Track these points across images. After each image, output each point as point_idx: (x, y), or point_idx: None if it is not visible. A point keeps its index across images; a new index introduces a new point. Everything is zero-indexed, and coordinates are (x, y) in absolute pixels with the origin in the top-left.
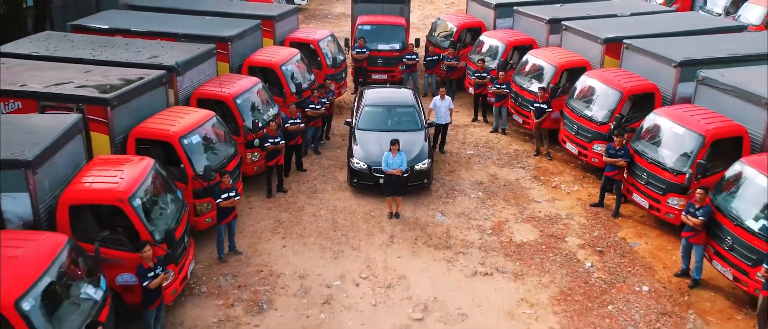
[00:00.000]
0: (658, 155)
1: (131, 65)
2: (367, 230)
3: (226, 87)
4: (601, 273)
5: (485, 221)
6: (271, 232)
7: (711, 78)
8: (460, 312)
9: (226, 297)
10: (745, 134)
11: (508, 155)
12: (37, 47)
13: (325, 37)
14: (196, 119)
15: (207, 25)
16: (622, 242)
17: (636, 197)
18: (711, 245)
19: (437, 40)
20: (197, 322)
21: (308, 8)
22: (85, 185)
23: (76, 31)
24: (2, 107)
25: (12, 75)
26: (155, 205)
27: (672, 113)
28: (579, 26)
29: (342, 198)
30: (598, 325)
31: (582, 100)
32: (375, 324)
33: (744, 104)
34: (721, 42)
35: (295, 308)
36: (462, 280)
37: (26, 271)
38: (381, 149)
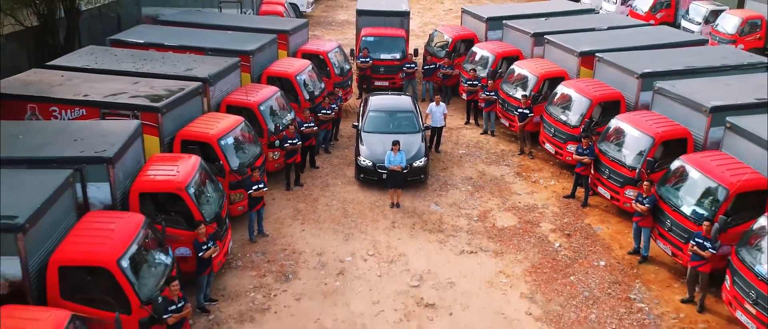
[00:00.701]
0: (618, 154)
1: (171, 77)
2: (372, 217)
3: (251, 95)
4: (567, 252)
5: (473, 210)
6: (292, 219)
7: (664, 88)
8: (449, 281)
9: (259, 269)
10: (689, 136)
11: (495, 154)
12: (87, 61)
13: (334, 49)
14: (229, 124)
15: (230, 39)
16: (587, 227)
17: (600, 189)
18: (656, 227)
19: (434, 50)
20: (237, 288)
21: (312, 15)
22: (150, 177)
23: (115, 45)
24: (68, 113)
25: (72, 86)
26: (203, 193)
27: (630, 118)
28: (558, 40)
29: (350, 191)
30: (561, 291)
31: (559, 106)
32: (381, 290)
33: (689, 110)
34: (681, 55)
35: (315, 278)
36: (451, 257)
37: (120, 239)
38: (384, 149)
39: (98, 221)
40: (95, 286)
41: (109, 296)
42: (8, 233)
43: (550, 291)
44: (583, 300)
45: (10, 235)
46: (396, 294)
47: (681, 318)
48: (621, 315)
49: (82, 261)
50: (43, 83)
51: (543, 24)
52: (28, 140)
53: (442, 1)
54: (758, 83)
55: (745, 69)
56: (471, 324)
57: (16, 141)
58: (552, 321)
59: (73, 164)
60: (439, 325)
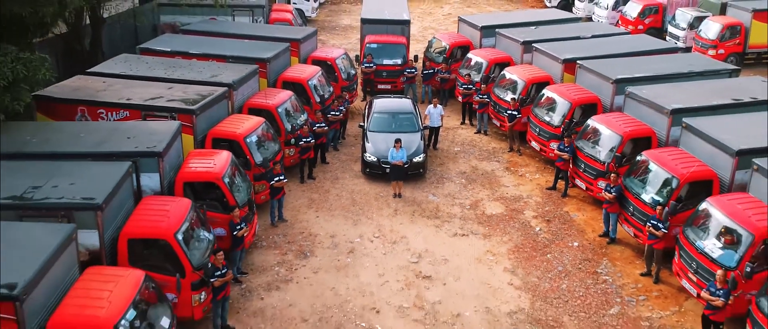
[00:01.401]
0: (592, 150)
1: (200, 83)
2: (377, 206)
3: (269, 99)
4: (546, 234)
5: (465, 200)
6: (307, 207)
7: (634, 92)
8: (443, 258)
9: (281, 248)
10: (653, 135)
11: (487, 151)
12: (123, 68)
13: (341, 56)
14: (253, 124)
15: (248, 48)
16: (565, 214)
17: (578, 181)
18: (622, 213)
19: (433, 55)
20: (263, 263)
21: (317, 19)
22: (192, 169)
23: (144, 53)
24: (114, 115)
25: (115, 91)
26: (234, 182)
27: (602, 119)
28: (545, 48)
29: (357, 183)
30: (539, 266)
31: (543, 108)
32: (385, 265)
33: (654, 112)
34: (653, 63)
35: (329, 255)
36: (446, 239)
37: (175, 217)
38: (387, 146)
39: (154, 203)
40: (156, 255)
41: (167, 262)
42: (90, 211)
43: (529, 266)
44: (557, 273)
45: (91, 213)
46: (398, 268)
47: (639, 288)
48: (588, 285)
49: (146, 234)
50: (89, 88)
51: (532, 32)
52: (88, 137)
53: (441, 6)
54: (717, 88)
55: (708, 75)
56: (461, 292)
57: (79, 138)
58: (529, 289)
59: (130, 157)
60: (434, 293)
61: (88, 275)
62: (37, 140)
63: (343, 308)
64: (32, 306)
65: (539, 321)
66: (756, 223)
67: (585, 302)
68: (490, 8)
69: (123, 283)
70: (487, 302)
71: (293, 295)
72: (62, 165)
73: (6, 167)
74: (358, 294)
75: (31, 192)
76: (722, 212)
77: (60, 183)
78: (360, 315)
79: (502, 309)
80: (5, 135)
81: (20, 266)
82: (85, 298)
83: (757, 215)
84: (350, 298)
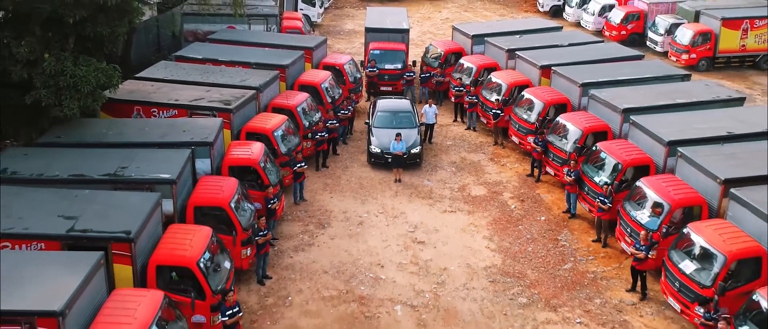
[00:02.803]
0: (560, 143)
1: (232, 86)
2: (380, 188)
3: (290, 100)
4: (519, 211)
5: (454, 184)
6: (322, 190)
7: (595, 94)
8: (435, 228)
9: (303, 221)
10: (609, 130)
11: (475, 145)
12: (165, 74)
13: (348, 61)
14: (279, 120)
15: (268, 55)
16: (537, 196)
17: (549, 169)
18: (580, 193)
19: (429, 61)
20: (290, 232)
21: (322, 24)
22: (235, 156)
23: (179, 60)
24: (164, 113)
25: (163, 93)
26: (267, 166)
27: (568, 117)
28: (525, 55)
29: (364, 170)
30: (511, 235)
31: (522, 107)
32: (388, 233)
33: (610, 111)
34: (617, 68)
35: (343, 226)
36: (437, 214)
37: (228, 189)
38: (389, 139)
39: (211, 180)
40: (215, 218)
41: (224, 224)
42: (167, 184)
43: (503, 234)
44: (525, 240)
45: (168, 186)
46: (398, 236)
47: (590, 250)
48: (549, 248)
49: (208, 202)
50: (141, 91)
51: (517, 41)
52: (153, 131)
53: (439, 10)
54: (667, 90)
55: (663, 79)
56: (448, 253)
57: (145, 132)
58: (502, 251)
59: (188, 146)
60: (426, 253)
61: (172, 230)
62: (112, 132)
63: (355, 264)
64: (140, 246)
65: (508, 273)
66: (674, 196)
67: (545, 260)
68: (486, 13)
69: (199, 235)
70: (468, 260)
71: (315, 255)
72: (138, 151)
73: (95, 153)
74: (366, 254)
75: (121, 171)
76: (651, 189)
77: (141, 165)
78: (368, 268)
79: (480, 265)
80: (87, 129)
81: (129, 220)
82: (173, 243)
83: (676, 191)
84: (360, 257)
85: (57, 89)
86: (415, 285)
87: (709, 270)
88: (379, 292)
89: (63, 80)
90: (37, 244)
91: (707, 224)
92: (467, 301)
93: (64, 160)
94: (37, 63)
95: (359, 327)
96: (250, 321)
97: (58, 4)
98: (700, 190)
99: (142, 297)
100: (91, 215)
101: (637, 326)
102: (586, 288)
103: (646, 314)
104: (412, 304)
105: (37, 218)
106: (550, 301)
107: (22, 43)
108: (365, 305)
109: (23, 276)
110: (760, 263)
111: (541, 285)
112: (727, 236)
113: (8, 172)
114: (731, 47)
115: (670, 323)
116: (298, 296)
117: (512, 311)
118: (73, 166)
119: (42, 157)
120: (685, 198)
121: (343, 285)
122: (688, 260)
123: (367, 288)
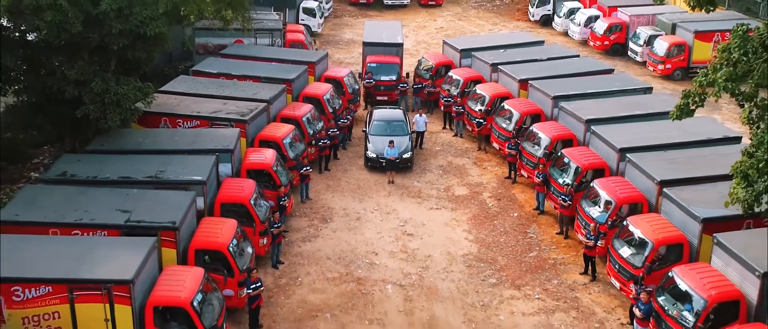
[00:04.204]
0: (532, 149)
1: (245, 99)
2: (376, 189)
3: (296, 111)
4: (496, 208)
5: (441, 185)
6: (325, 190)
7: (563, 106)
8: (422, 223)
9: (309, 217)
10: (574, 138)
11: (461, 150)
12: (185, 88)
13: (347, 74)
14: (287, 130)
15: (276, 70)
16: (512, 195)
17: (523, 171)
18: (548, 193)
19: (422, 72)
20: (298, 225)
21: (321, 34)
22: (251, 160)
23: (195, 74)
24: (188, 124)
25: (186, 106)
26: (279, 169)
27: (539, 126)
28: (507, 69)
29: (361, 173)
30: (487, 228)
31: (502, 117)
32: (381, 227)
33: (575, 121)
34: (586, 82)
35: (343, 221)
36: (425, 211)
37: (248, 189)
38: (384, 146)
39: (233, 182)
40: (238, 213)
41: (245, 218)
42: (199, 185)
43: (481, 228)
44: (499, 232)
45: (200, 186)
46: (390, 229)
47: (553, 241)
48: (519, 239)
49: (231, 200)
50: (166, 104)
51: (500, 55)
52: (182, 140)
53: (434, 19)
54: (629, 102)
55: (627, 92)
56: (432, 243)
57: (176, 140)
58: (478, 241)
59: (213, 152)
60: (414, 243)
61: (205, 221)
62: (147, 141)
63: (353, 252)
64: (182, 234)
65: (482, 259)
66: (619, 195)
67: (514, 249)
68: (479, 21)
69: (228, 225)
70: (449, 248)
71: (320, 244)
72: (172, 157)
73: (136, 158)
74: (363, 244)
75: (160, 174)
76: (602, 189)
77: (176, 168)
78: (365, 255)
79: (459, 252)
80: (126, 138)
81: (173, 213)
82: (207, 232)
83: (621, 190)
84: (358, 246)
85: (102, 104)
86: (404, 269)
87: (641, 254)
88: (373, 274)
89: (108, 97)
90: (101, 232)
91: (643, 218)
92: (446, 281)
93: (112, 164)
94: (86, 83)
95: (357, 302)
96: (268, 297)
97: (104, 35)
98: (643, 189)
99: (188, 272)
100: (141, 209)
101: (586, 301)
102: (547, 272)
103: (594, 292)
104: (400, 284)
105: (99, 211)
106: (516, 281)
107: (74, 67)
108: (362, 284)
109: (97, 255)
110: (682, 248)
111: (509, 269)
112: (656, 226)
113: (68, 174)
114: (704, 58)
115: (612, 299)
116: (307, 277)
117: (483, 289)
118: (121, 169)
119: (93, 162)
120: (629, 196)
121: (344, 269)
122: (626, 247)
123: (364, 271)
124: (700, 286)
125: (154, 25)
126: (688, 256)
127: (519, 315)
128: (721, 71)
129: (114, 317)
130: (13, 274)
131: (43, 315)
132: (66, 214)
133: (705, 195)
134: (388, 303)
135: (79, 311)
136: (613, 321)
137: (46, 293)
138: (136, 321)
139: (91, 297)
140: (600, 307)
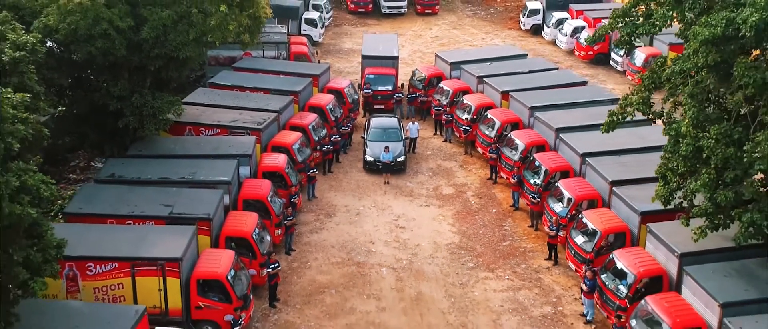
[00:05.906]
0: (509, 153)
1: (258, 110)
2: (373, 189)
3: (303, 119)
4: (477, 205)
5: (430, 185)
6: (328, 189)
7: (538, 116)
8: (412, 218)
9: (315, 212)
10: (546, 144)
11: (449, 154)
12: (206, 99)
13: (347, 85)
14: (296, 136)
15: (283, 82)
16: (493, 194)
17: (502, 173)
18: (522, 191)
19: (415, 83)
20: (305, 220)
21: (322, 43)
22: (266, 164)
23: (212, 86)
24: (210, 132)
25: (207, 116)
26: (290, 171)
27: (516, 133)
28: (491, 82)
29: (360, 175)
30: (469, 222)
31: (485, 125)
32: (378, 221)
33: (547, 129)
34: (563, 93)
35: (345, 216)
36: (416, 207)
37: (266, 187)
38: (380, 150)
39: (253, 182)
40: (257, 208)
41: (263, 212)
42: (225, 184)
43: (463, 222)
44: (479, 225)
45: (226, 185)
46: (385, 223)
47: (524, 233)
48: (495, 231)
49: (253, 197)
50: (189, 113)
51: (487, 68)
52: (207, 146)
53: (430, 28)
54: (598, 113)
55: (598, 104)
56: (421, 234)
57: (202, 147)
58: (460, 233)
59: (234, 157)
60: (406, 234)
61: (232, 214)
62: (177, 147)
63: (354, 241)
64: (214, 224)
65: (462, 248)
66: (576, 192)
67: (491, 239)
68: (473, 30)
69: (251, 217)
70: (435, 239)
71: (326, 235)
72: (200, 161)
73: (170, 162)
74: (362, 235)
75: (192, 175)
76: (564, 188)
77: (205, 170)
78: (363, 244)
79: (443, 242)
80: (159, 145)
81: (207, 207)
82: (234, 223)
83: (581, 189)
84: (358, 237)
85: (141, 116)
86: (396, 255)
87: (591, 241)
88: (371, 260)
89: (145, 110)
90: (149, 222)
91: (595, 211)
92: (432, 265)
93: (151, 167)
94: (127, 98)
95: (357, 281)
96: (283, 277)
97: (143, 57)
98: (598, 188)
99: (223, 253)
100: (181, 204)
101: (548, 281)
102: (517, 258)
103: (555, 274)
104: (393, 267)
105: (146, 205)
106: (490, 265)
107: (117, 85)
108: (361, 268)
109: (150, 239)
110: (625, 236)
111: (485, 256)
112: (605, 218)
113: (116, 175)
114: None
115: (569, 279)
116: (315, 262)
117: (462, 271)
118: (159, 171)
119: (135, 165)
120: (586, 194)
121: (346, 255)
122: (580, 235)
123: (363, 257)
124: (632, 264)
125: (186, 49)
126: (629, 242)
127: (491, 292)
128: (636, 96)
129: (166, 288)
130: (86, 253)
131: (110, 286)
132: (119, 207)
133: (647, 193)
134: (383, 283)
135: (138, 283)
136: (568, 297)
137: (112, 268)
138: (183, 291)
139: (148, 272)
140: (559, 286)
